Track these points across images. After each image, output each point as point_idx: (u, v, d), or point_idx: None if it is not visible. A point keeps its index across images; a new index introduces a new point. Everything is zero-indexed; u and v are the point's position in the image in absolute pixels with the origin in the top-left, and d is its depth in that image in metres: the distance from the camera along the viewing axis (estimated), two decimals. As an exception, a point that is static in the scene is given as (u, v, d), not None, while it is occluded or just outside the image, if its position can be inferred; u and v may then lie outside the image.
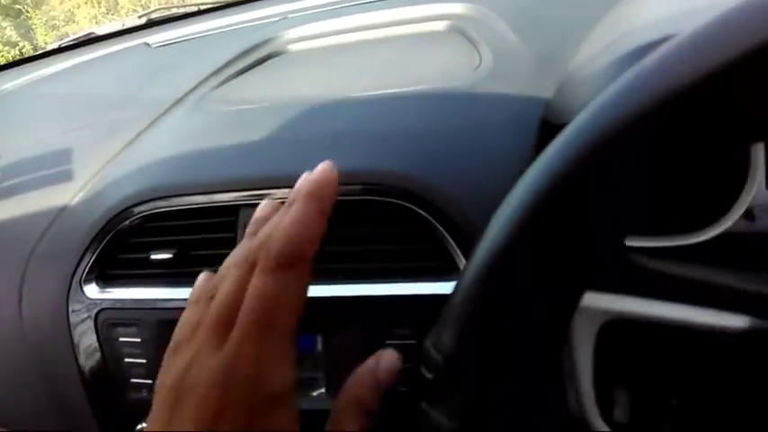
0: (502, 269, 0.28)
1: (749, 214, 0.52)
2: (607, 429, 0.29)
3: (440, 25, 0.81)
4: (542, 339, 0.28)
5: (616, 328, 0.29)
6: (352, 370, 0.56)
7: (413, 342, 0.54)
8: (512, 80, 0.64)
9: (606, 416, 0.30)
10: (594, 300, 0.29)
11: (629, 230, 0.27)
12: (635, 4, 0.63)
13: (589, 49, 0.60)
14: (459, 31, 0.78)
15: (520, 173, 0.31)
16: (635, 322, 0.28)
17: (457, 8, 0.81)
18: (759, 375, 0.27)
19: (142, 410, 0.62)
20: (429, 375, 0.30)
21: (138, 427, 0.61)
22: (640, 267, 0.29)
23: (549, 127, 0.56)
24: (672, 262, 0.29)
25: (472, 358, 0.29)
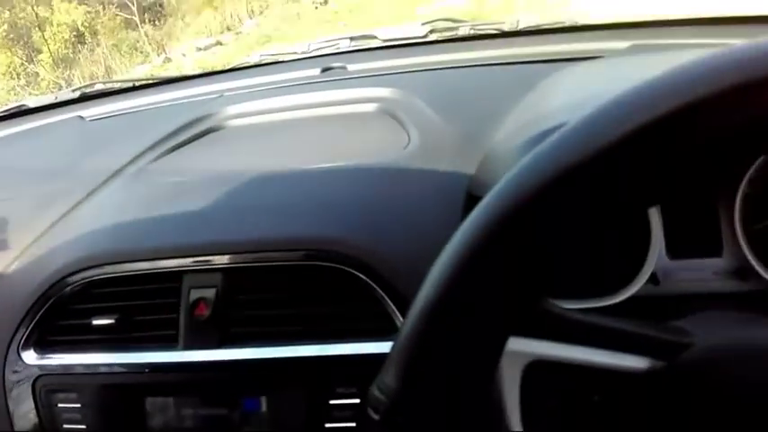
0: (436, 318, 0.32)
1: (654, 279, 0.60)
2: None
3: (370, 107, 0.88)
4: (475, 378, 0.33)
5: (538, 370, 0.34)
6: (297, 430, 0.58)
7: (356, 402, 0.57)
8: (438, 157, 0.71)
9: None
10: (517, 344, 0.34)
11: (545, 284, 0.33)
12: (546, 93, 0.72)
13: (506, 130, 0.68)
14: (388, 112, 0.86)
15: (448, 240, 0.36)
16: (554, 365, 0.33)
17: (385, 92, 0.89)
18: (663, 411, 0.33)
19: None
20: (376, 416, 0.33)
21: None
22: (554, 316, 0.34)
23: (473, 199, 0.63)
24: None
25: (413, 398, 0.32)
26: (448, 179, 0.67)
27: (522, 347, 0.34)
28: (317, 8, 10.80)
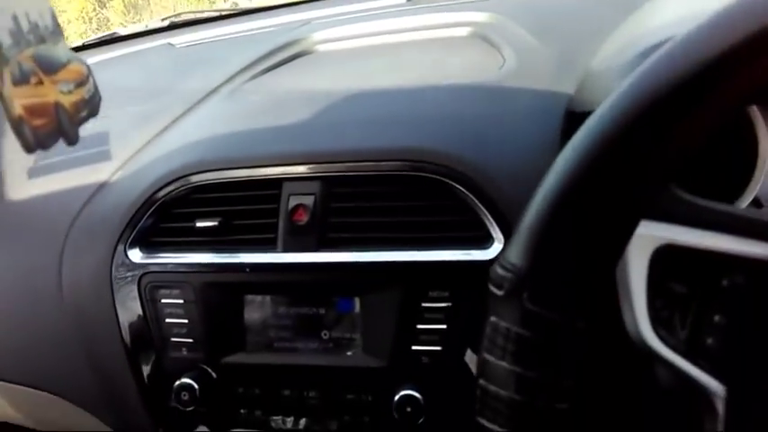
0: (567, 197, 0.33)
1: (757, 203, 0.59)
2: (660, 345, 0.34)
3: (462, 31, 0.87)
4: (603, 259, 0.33)
5: (667, 255, 0.34)
6: (389, 331, 0.60)
7: (448, 305, 0.59)
8: (535, 77, 0.69)
9: (659, 334, 0.34)
10: (647, 228, 0.34)
11: (674, 172, 0.33)
12: (648, 13, 0.69)
13: (608, 50, 0.66)
14: (481, 36, 0.84)
15: (548, 156, 0.36)
16: (683, 250, 0.33)
17: (478, 16, 0.87)
18: None
19: (181, 368, 0.66)
20: (499, 293, 0.34)
21: (177, 383, 0.64)
22: (684, 201, 0.34)
23: (574, 116, 0.62)
24: (712, 200, 0.34)
25: (539, 275, 0.33)
26: (545, 98, 0.66)
27: (652, 231, 0.34)
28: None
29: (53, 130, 0.42)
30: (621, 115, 0.32)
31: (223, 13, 1.24)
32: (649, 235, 0.34)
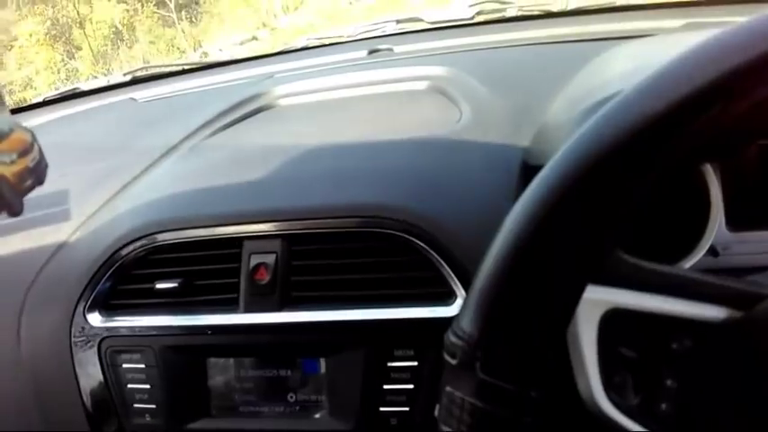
0: (514, 265, 0.33)
1: (713, 251, 0.60)
2: (614, 411, 0.34)
3: (420, 85, 0.89)
4: (552, 325, 0.33)
5: (616, 319, 0.34)
6: (355, 393, 0.59)
7: (414, 364, 0.58)
8: (491, 130, 0.71)
9: (613, 399, 0.34)
10: (595, 293, 0.34)
11: (620, 236, 0.33)
12: (599, 68, 0.72)
13: (560, 104, 0.69)
14: (439, 90, 0.86)
15: (506, 209, 0.36)
16: (631, 314, 0.34)
17: (435, 70, 0.90)
18: (739, 361, 0.33)
19: None
20: (453, 361, 0.34)
21: None
22: (631, 265, 0.34)
23: (529, 169, 0.63)
24: (659, 262, 0.35)
25: (491, 342, 0.33)
26: (502, 150, 0.68)
27: (600, 296, 0.34)
28: (351, 3, 10.84)
29: None
30: (564, 178, 0.33)
31: (186, 67, 1.25)
32: (596, 299, 0.34)
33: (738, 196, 0.60)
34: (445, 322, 0.57)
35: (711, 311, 0.32)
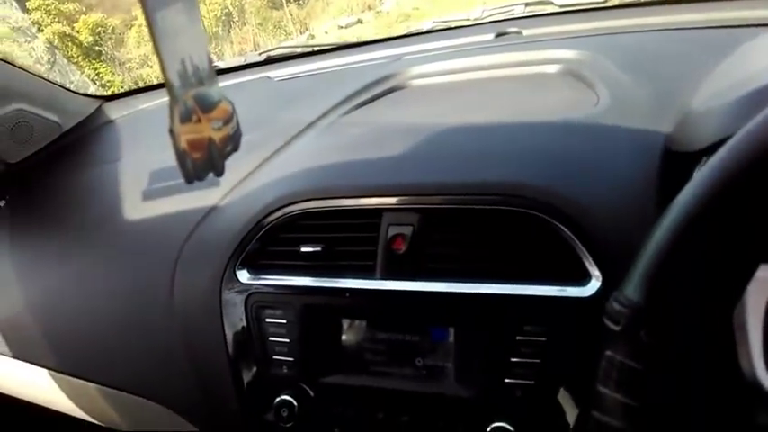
0: (687, 236, 0.34)
1: None
2: None
3: (553, 68, 0.89)
4: (720, 300, 0.34)
5: None
6: (482, 363, 0.62)
7: (543, 340, 0.60)
8: (631, 115, 0.70)
9: None
10: (767, 272, 0.34)
11: None
12: (749, 55, 0.69)
13: (708, 91, 0.66)
14: (573, 73, 0.86)
15: (646, 194, 0.37)
16: None
17: (568, 53, 0.89)
18: None
19: (281, 384, 0.70)
20: (615, 327, 0.35)
21: (277, 399, 0.68)
22: None
23: (673, 156, 0.62)
24: None
25: (656, 312, 0.34)
26: (643, 136, 0.67)
27: None
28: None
29: (206, 162, 0.47)
30: (743, 158, 0.33)
31: (315, 48, 1.31)
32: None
33: None
34: (579, 302, 0.59)
35: None
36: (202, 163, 0.46)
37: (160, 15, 0.40)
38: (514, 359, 0.61)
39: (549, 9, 1.15)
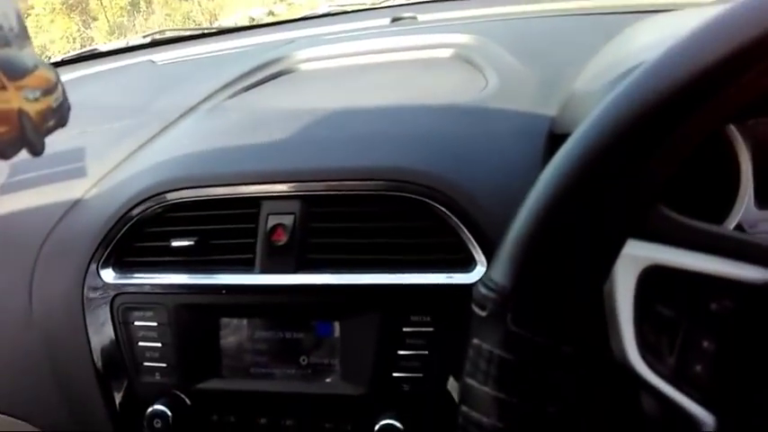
0: (553, 215, 0.32)
1: (740, 229, 0.59)
2: (647, 372, 0.33)
3: (445, 52, 0.87)
4: (589, 279, 0.32)
5: (654, 277, 0.33)
6: (369, 357, 0.59)
7: (430, 330, 0.57)
8: (518, 99, 0.69)
9: (646, 359, 0.33)
10: (635, 248, 0.33)
11: (662, 191, 0.32)
12: (628, 38, 0.70)
13: (590, 73, 0.67)
14: (464, 58, 0.84)
15: (531, 177, 0.35)
16: (671, 271, 0.33)
17: (460, 38, 0.87)
18: None
19: (154, 393, 0.63)
20: (482, 313, 0.33)
21: (149, 409, 0.62)
22: (673, 221, 0.33)
23: (556, 138, 0.61)
24: (701, 219, 0.33)
25: (524, 294, 0.32)
26: (528, 119, 0.66)
27: (639, 251, 0.33)
28: (369, -18, 10.72)
29: (16, 138, 0.40)
30: (603, 132, 0.32)
31: (206, 31, 1.24)
32: (636, 255, 0.33)
33: None
34: (464, 289, 0.56)
35: (754, 273, 0.31)
36: (10, 138, 0.39)
37: None
38: (402, 352, 0.58)
39: (445, -6, 1.14)
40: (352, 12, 1.16)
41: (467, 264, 0.57)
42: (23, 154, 0.42)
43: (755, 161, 0.58)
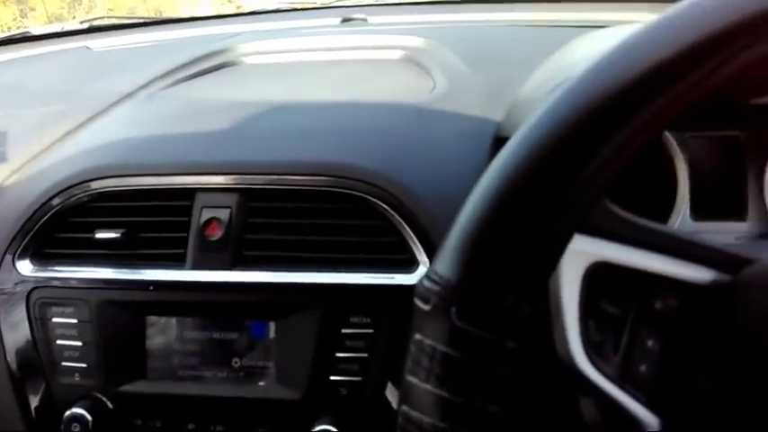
0: (499, 208, 0.31)
1: None
2: (592, 371, 0.32)
3: (394, 53, 0.86)
4: (535, 271, 0.31)
5: (600, 273, 0.32)
6: (305, 360, 0.56)
7: (370, 332, 0.56)
8: (465, 102, 0.69)
9: (590, 357, 0.32)
10: (581, 243, 0.32)
11: (607, 190, 0.31)
12: (575, 49, 0.71)
13: (536, 79, 0.67)
14: (413, 60, 0.83)
15: (476, 180, 0.35)
16: (616, 268, 0.32)
17: (410, 40, 0.87)
18: (723, 325, 0.31)
19: (72, 396, 0.59)
20: (425, 307, 0.31)
21: (67, 413, 0.57)
22: (620, 218, 0.33)
23: (502, 142, 0.61)
24: (647, 217, 0.33)
25: (469, 288, 0.31)
26: (475, 122, 0.66)
27: (586, 247, 0.32)
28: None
29: None
30: (546, 131, 0.31)
31: (147, 20, 1.18)
32: (582, 251, 0.32)
33: (704, 186, 0.60)
34: (406, 290, 0.55)
35: (698, 273, 0.31)
36: None
37: None
38: (340, 354, 0.56)
39: (397, -1, 1.14)
40: (302, 9, 1.14)
41: (409, 264, 0.56)
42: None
43: (692, 174, 0.60)
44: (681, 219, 0.60)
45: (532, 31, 0.93)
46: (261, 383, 0.58)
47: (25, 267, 0.61)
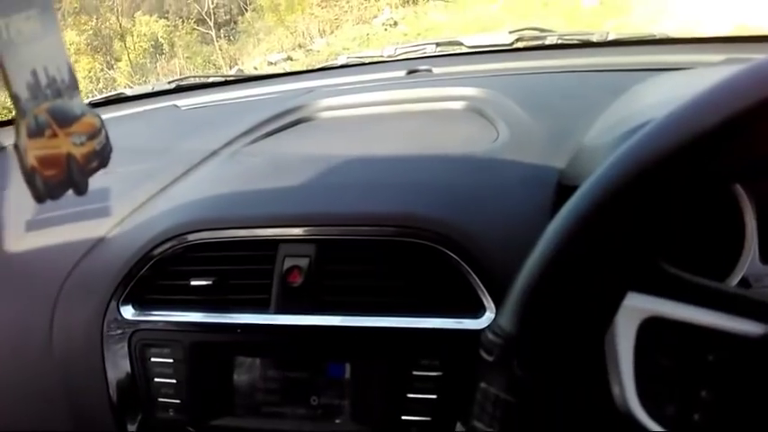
0: (558, 267, 0.34)
1: (745, 283, 0.60)
2: (647, 420, 0.34)
3: (458, 104, 0.90)
4: (591, 329, 0.34)
5: (654, 328, 0.35)
6: (378, 399, 0.60)
7: (439, 374, 0.59)
8: (528, 150, 0.72)
9: (646, 407, 0.34)
10: (635, 300, 0.35)
11: (663, 246, 0.34)
12: (638, 95, 0.73)
13: (599, 128, 0.69)
14: (476, 110, 0.87)
15: (540, 227, 0.37)
16: (669, 323, 0.34)
17: (473, 91, 0.91)
18: None
19: (167, 429, 0.65)
20: (489, 358, 0.34)
21: None
22: (672, 275, 0.35)
23: (565, 189, 0.64)
24: (699, 275, 0.35)
25: (529, 342, 0.34)
26: (538, 170, 0.68)
27: (640, 304, 0.34)
28: (386, 30, 10.99)
29: (63, 180, 0.43)
30: (608, 189, 0.34)
31: (228, 78, 1.28)
32: (636, 307, 0.35)
33: None
34: (473, 335, 0.58)
35: (749, 327, 0.32)
36: (58, 181, 0.42)
37: (3, 23, 0.36)
38: (411, 395, 0.59)
39: (459, 49, 1.19)
40: (369, 63, 1.21)
41: (476, 310, 0.59)
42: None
43: (760, 218, 0.60)
44: (750, 262, 0.60)
45: (591, 77, 0.95)
46: (337, 421, 0.62)
47: (128, 312, 0.68)
